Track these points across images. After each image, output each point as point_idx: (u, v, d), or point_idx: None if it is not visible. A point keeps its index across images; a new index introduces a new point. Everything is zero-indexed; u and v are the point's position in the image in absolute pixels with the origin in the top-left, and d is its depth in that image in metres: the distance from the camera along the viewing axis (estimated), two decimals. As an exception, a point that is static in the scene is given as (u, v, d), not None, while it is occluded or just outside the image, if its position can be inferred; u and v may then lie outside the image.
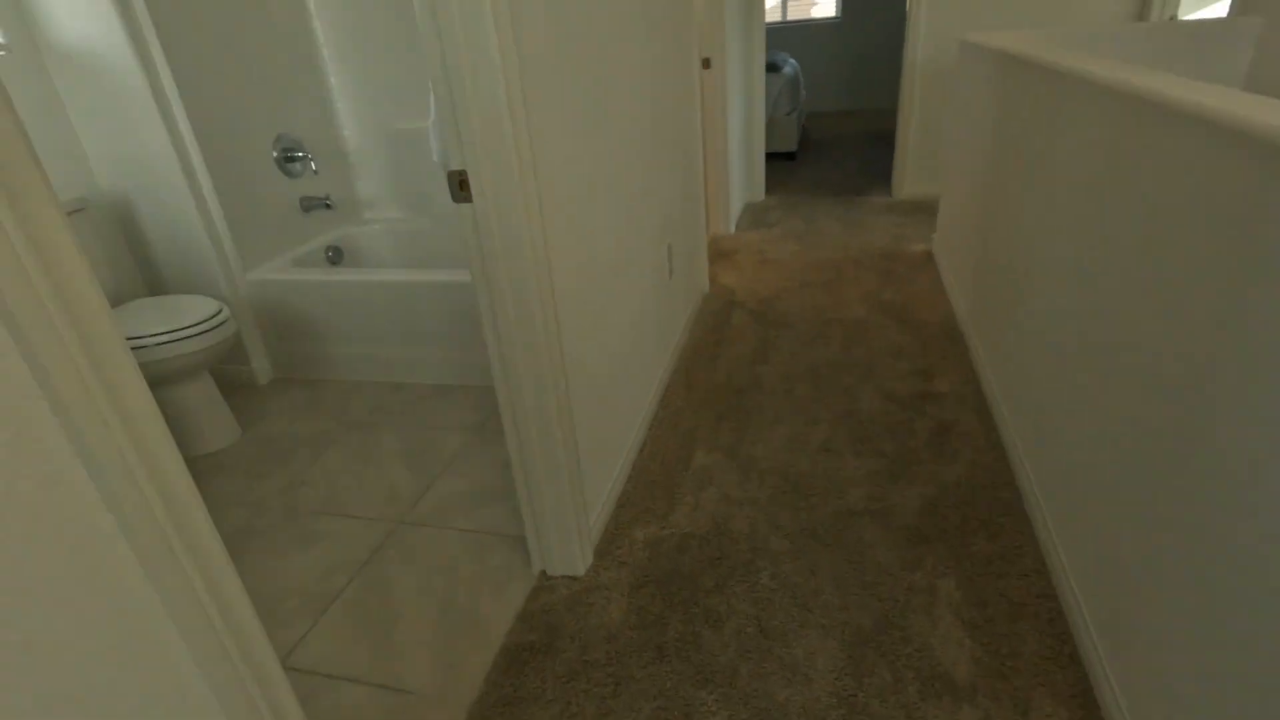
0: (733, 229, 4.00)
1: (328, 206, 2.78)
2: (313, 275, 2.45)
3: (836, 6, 7.43)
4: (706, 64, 3.38)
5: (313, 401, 2.48)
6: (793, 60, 5.68)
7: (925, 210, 4.11)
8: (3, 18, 2.10)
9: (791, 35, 7.62)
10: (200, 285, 2.50)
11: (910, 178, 4.33)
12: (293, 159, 2.69)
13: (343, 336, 2.54)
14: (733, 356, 2.56)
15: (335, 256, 2.86)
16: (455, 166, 1.20)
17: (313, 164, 2.68)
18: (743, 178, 4.30)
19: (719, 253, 3.66)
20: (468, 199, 1.22)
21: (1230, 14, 3.12)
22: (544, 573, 1.60)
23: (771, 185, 4.91)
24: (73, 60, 2.18)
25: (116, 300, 2.46)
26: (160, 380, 2.06)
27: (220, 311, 2.11)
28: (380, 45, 2.76)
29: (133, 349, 1.99)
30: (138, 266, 2.53)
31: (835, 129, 6.86)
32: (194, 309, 2.10)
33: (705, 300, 3.09)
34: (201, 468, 2.14)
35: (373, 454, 2.14)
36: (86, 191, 2.35)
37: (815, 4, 7.63)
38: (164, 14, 2.17)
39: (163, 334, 1.99)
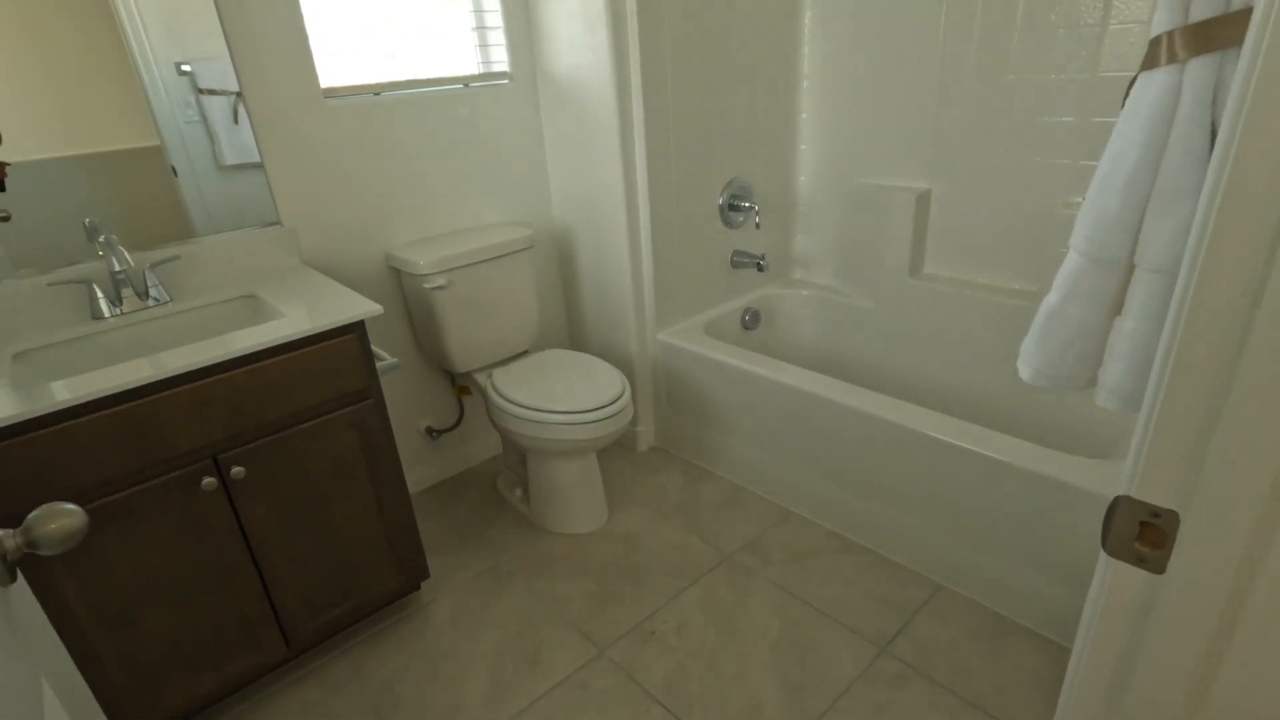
0: None
1: (760, 268, 2.34)
2: (725, 357, 2.03)
3: None
4: None
5: (686, 502, 2.10)
6: None
7: None
8: (516, 48, 2.08)
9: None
10: (612, 335, 2.30)
11: None
12: (738, 208, 2.31)
13: (739, 432, 2.10)
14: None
15: (751, 321, 2.44)
16: (1152, 498, 0.52)
17: (757, 217, 2.26)
18: None
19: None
20: (1154, 565, 0.53)
21: None
22: None
23: None
24: (560, 90, 2.08)
25: (539, 341, 2.40)
26: (547, 452, 1.87)
27: (622, 395, 1.82)
28: (864, 83, 2.17)
29: (528, 420, 1.80)
30: (565, 303, 2.44)
31: None
32: (597, 387, 1.84)
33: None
34: (553, 553, 1.91)
35: (736, 623, 1.64)
36: (542, 221, 2.29)
37: None
38: (652, 47, 1.91)
39: (562, 412, 1.76)
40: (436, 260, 1.85)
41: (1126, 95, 0.73)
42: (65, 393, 1.13)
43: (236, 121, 1.68)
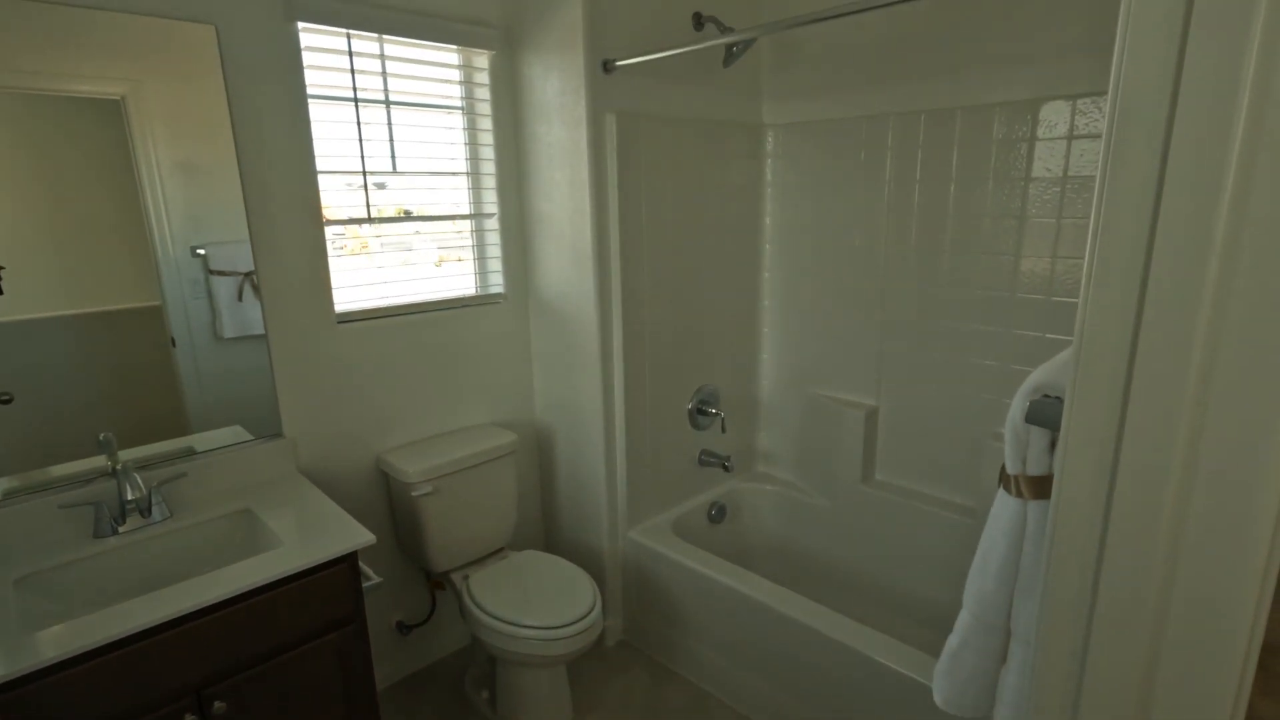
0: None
1: (725, 469, 2.52)
2: (689, 561, 2.15)
3: None
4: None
5: (651, 709, 2.13)
6: None
7: None
8: (510, 274, 2.35)
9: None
10: (585, 532, 2.41)
11: None
12: (705, 413, 2.52)
13: (704, 634, 2.17)
14: None
15: (717, 515, 2.58)
16: None
17: (723, 422, 2.47)
18: None
19: None
20: None
21: None
22: None
23: None
24: (548, 309, 2.33)
25: (516, 538, 2.49)
26: (518, 663, 1.92)
27: (592, 610, 1.91)
28: (816, 308, 2.47)
29: (500, 632, 1.87)
30: (541, 499, 2.57)
31: None
32: (569, 600, 1.93)
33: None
34: (525, 765, 1.91)
35: None
36: (525, 422, 2.46)
37: None
38: (631, 276, 2.19)
39: (534, 627, 1.84)
40: (424, 470, 1.99)
41: (999, 479, 0.94)
42: (66, 642, 1.20)
43: (240, 299, 1.77)
